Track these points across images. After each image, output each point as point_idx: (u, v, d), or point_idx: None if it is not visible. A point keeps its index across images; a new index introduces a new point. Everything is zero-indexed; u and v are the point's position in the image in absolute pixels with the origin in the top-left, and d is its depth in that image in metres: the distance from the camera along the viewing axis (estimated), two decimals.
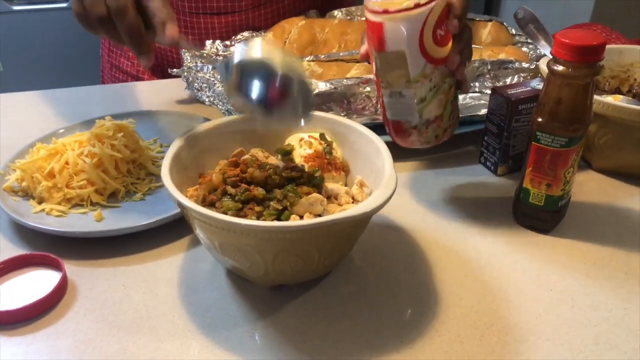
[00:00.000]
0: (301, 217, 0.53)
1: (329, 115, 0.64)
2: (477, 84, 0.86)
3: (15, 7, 1.97)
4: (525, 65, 0.85)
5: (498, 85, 0.82)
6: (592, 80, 0.57)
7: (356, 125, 0.62)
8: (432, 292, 0.56)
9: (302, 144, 0.61)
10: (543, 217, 0.64)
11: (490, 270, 0.59)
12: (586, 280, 0.58)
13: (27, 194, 0.68)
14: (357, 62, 0.89)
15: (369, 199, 0.50)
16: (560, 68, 0.57)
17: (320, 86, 0.78)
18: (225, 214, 0.51)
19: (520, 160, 0.73)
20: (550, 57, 0.58)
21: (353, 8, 1.04)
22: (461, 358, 0.49)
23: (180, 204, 0.51)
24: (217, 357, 0.50)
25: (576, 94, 0.57)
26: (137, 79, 1.07)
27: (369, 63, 0.60)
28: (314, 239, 0.50)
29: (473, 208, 0.69)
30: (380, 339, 0.51)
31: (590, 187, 0.73)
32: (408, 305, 0.55)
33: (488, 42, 0.94)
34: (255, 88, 0.54)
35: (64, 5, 2.03)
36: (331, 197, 0.57)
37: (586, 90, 0.57)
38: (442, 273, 0.59)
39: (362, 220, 0.53)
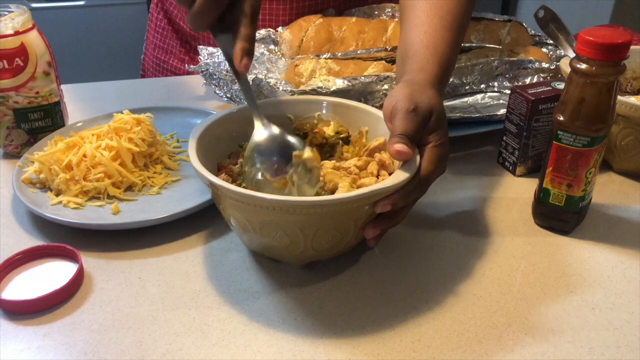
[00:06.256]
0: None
1: (369, 107, 0.65)
2: (496, 83, 0.85)
3: (34, 5, 1.99)
4: (545, 65, 0.84)
5: (517, 85, 0.81)
6: (616, 79, 0.56)
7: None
8: (450, 291, 0.56)
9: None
10: (563, 217, 0.63)
11: (508, 270, 0.59)
12: (607, 282, 0.57)
13: (44, 186, 0.68)
14: (375, 60, 0.89)
15: (400, 170, 0.53)
16: (583, 66, 0.56)
17: (337, 83, 0.78)
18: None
19: (540, 160, 0.72)
20: (572, 57, 0.58)
21: (370, 7, 1.03)
22: (479, 358, 0.49)
23: (223, 188, 0.50)
24: (232, 351, 0.49)
25: (599, 93, 0.56)
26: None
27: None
28: (353, 211, 0.51)
29: (491, 208, 0.68)
30: (396, 337, 0.51)
31: (611, 189, 0.72)
32: (425, 304, 0.54)
33: (507, 42, 0.93)
34: None
35: (81, 3, 2.05)
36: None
37: (610, 89, 0.56)
38: (459, 272, 0.58)
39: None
